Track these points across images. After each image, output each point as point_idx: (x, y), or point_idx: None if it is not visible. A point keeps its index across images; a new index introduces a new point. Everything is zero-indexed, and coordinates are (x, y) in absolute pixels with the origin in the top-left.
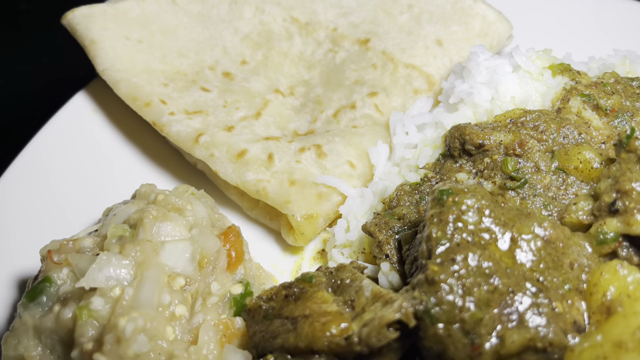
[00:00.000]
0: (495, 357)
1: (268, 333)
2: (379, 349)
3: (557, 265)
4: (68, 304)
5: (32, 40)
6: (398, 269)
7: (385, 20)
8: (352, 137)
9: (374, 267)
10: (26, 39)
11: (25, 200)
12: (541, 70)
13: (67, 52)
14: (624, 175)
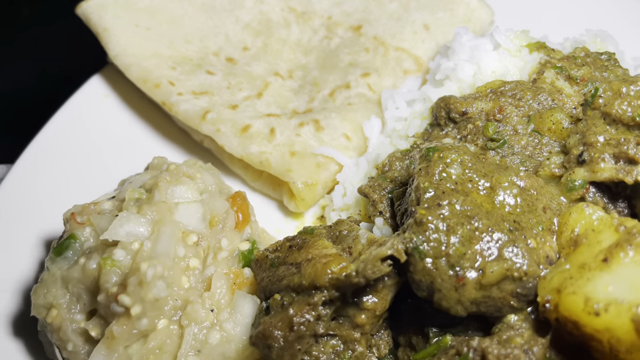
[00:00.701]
0: (477, 287)
1: (274, 277)
2: (374, 284)
3: (531, 209)
4: (92, 256)
5: (43, 38)
6: (391, 223)
7: (376, 9)
8: (347, 113)
9: (368, 225)
10: (37, 35)
11: (47, 173)
12: (519, 47)
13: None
14: (590, 129)
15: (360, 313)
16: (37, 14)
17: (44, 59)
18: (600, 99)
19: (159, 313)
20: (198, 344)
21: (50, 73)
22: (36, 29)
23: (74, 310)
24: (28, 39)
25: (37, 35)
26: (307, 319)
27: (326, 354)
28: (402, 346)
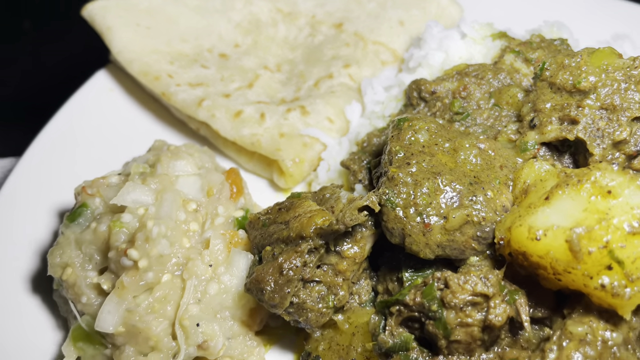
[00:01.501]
0: (442, 231)
1: (266, 234)
2: (353, 234)
3: (490, 167)
4: (102, 220)
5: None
6: (369, 189)
7: (355, 8)
8: (330, 99)
9: (349, 193)
10: (47, 38)
11: (57, 158)
12: (483, 37)
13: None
14: (539, 98)
15: (342, 261)
16: (39, 26)
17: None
18: (547, 72)
19: (163, 268)
20: (198, 294)
21: (55, 72)
22: (39, 38)
23: (87, 267)
24: (32, 43)
25: (40, 40)
26: (295, 264)
27: (312, 297)
28: (380, 293)
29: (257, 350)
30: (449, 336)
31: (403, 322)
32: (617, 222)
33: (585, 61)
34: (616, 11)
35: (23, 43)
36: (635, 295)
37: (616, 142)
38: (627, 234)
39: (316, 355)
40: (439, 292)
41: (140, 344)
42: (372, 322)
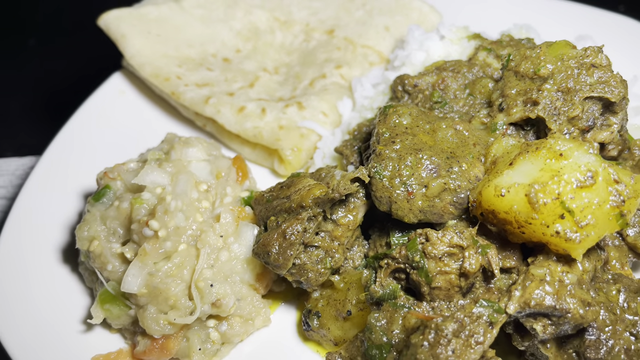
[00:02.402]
0: (423, 198)
1: (270, 208)
2: (347, 204)
3: (464, 144)
4: (124, 198)
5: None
6: None
7: (345, 16)
8: (324, 96)
9: (342, 171)
10: (53, 53)
11: (75, 154)
12: (460, 38)
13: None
14: (506, 85)
15: (337, 228)
16: (43, 43)
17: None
18: (512, 62)
19: (179, 238)
20: (211, 261)
21: (65, 80)
22: (45, 53)
23: (111, 240)
24: (39, 57)
25: (46, 55)
26: (296, 229)
27: (312, 260)
28: (371, 257)
29: (264, 311)
30: (430, 283)
31: (391, 273)
32: (567, 177)
33: (544, 52)
34: (580, 15)
35: (31, 56)
36: (584, 239)
37: (570, 118)
38: (575, 188)
39: (316, 311)
40: (420, 245)
41: (160, 303)
42: (364, 276)
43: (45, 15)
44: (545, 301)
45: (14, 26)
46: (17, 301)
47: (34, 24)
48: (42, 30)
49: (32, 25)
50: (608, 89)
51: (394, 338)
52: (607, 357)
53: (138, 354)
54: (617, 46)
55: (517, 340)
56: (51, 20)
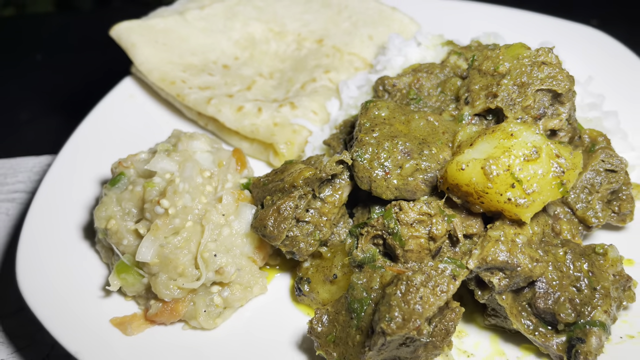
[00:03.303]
0: (398, 177)
1: (266, 189)
2: (333, 184)
3: (434, 132)
4: (137, 183)
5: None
6: None
7: (333, 27)
8: (314, 96)
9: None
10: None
11: (89, 151)
12: (434, 44)
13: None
14: (471, 82)
15: (325, 205)
16: (49, 57)
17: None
18: (476, 62)
19: (186, 216)
20: (215, 236)
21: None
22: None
23: (126, 219)
24: (46, 70)
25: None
26: (289, 205)
27: (302, 233)
28: (353, 227)
29: (261, 280)
30: (403, 246)
31: (370, 240)
32: (516, 152)
33: (502, 52)
34: (544, 25)
35: (39, 69)
36: (531, 204)
37: (524, 107)
38: (523, 161)
39: (307, 278)
40: (395, 214)
41: (170, 271)
42: (347, 244)
43: (50, 33)
44: (500, 257)
45: (20, 44)
46: (41, 273)
47: (39, 41)
48: (48, 47)
49: (37, 42)
50: (556, 82)
51: (372, 293)
52: (554, 306)
53: (151, 316)
54: (575, 51)
55: (478, 295)
56: (56, 38)
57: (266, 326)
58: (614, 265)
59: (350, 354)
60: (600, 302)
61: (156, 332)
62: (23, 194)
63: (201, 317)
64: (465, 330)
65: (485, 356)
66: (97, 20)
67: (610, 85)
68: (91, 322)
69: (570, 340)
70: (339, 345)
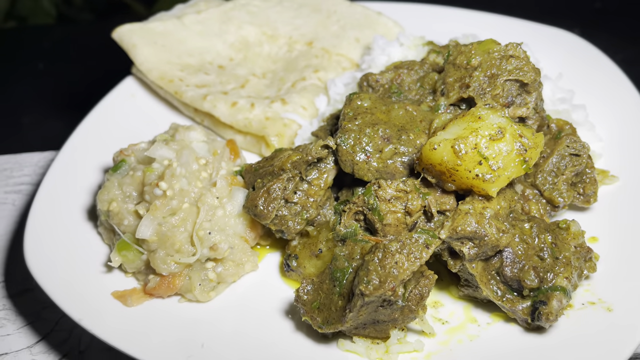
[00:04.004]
0: (378, 161)
1: (257, 174)
2: (319, 167)
3: (413, 121)
4: (137, 169)
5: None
6: None
7: (322, 30)
8: (304, 93)
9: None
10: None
11: (91, 147)
12: (416, 45)
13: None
14: (446, 75)
15: (312, 188)
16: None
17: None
18: (451, 57)
19: (183, 198)
20: (209, 217)
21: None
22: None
23: (127, 201)
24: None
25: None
26: (278, 186)
27: (291, 213)
28: (337, 205)
29: (252, 258)
30: (382, 220)
31: (352, 216)
32: (483, 132)
33: (474, 48)
34: (521, 28)
35: (42, 77)
36: (497, 179)
37: (494, 96)
38: (489, 140)
39: (295, 254)
40: (374, 192)
41: (168, 248)
42: (331, 220)
43: (52, 43)
44: (468, 227)
45: (22, 53)
46: (48, 252)
47: (40, 51)
48: (49, 56)
49: (38, 51)
50: (522, 73)
51: (353, 262)
52: (519, 274)
53: (149, 289)
54: (550, 52)
55: (450, 264)
56: (57, 48)
57: (257, 298)
58: (575, 238)
59: (333, 318)
60: (561, 270)
61: (154, 304)
62: (29, 186)
63: (196, 290)
64: (440, 301)
65: (459, 323)
66: (97, 31)
67: (582, 83)
68: (94, 295)
69: (534, 304)
70: (322, 311)
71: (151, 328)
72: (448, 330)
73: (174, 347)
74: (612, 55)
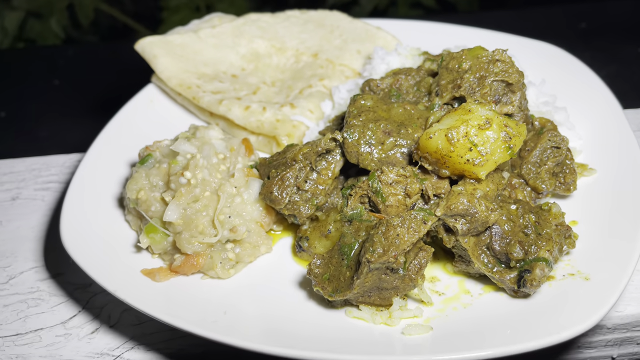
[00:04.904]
0: (380, 152)
1: (271, 166)
2: (327, 158)
3: (411, 118)
4: (163, 162)
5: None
6: None
7: (326, 44)
8: (310, 99)
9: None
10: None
11: (121, 135)
12: (413, 55)
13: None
14: (440, 78)
15: (320, 177)
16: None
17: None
18: (444, 62)
19: (205, 187)
20: (228, 203)
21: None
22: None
23: (154, 190)
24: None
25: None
26: (291, 175)
27: (302, 199)
28: (345, 189)
29: (267, 241)
30: (385, 202)
31: (358, 199)
32: (472, 123)
33: (465, 53)
34: (509, 42)
35: (59, 91)
36: (485, 163)
37: (483, 94)
38: (478, 130)
39: (306, 236)
40: (377, 177)
41: (192, 230)
42: (339, 204)
43: (65, 60)
44: (461, 206)
45: (37, 71)
46: (82, 235)
47: (54, 68)
48: (64, 73)
49: (53, 69)
50: (508, 75)
51: (359, 238)
52: (506, 247)
53: (175, 267)
54: (535, 62)
55: (445, 240)
56: (71, 65)
57: (272, 275)
58: (556, 218)
59: (342, 287)
60: (544, 244)
61: (179, 280)
62: (56, 184)
63: (218, 268)
64: (437, 277)
65: (454, 294)
66: (107, 50)
67: (563, 89)
68: (125, 272)
69: (520, 273)
70: (332, 281)
71: (177, 299)
72: (444, 300)
73: (199, 314)
74: (596, 70)
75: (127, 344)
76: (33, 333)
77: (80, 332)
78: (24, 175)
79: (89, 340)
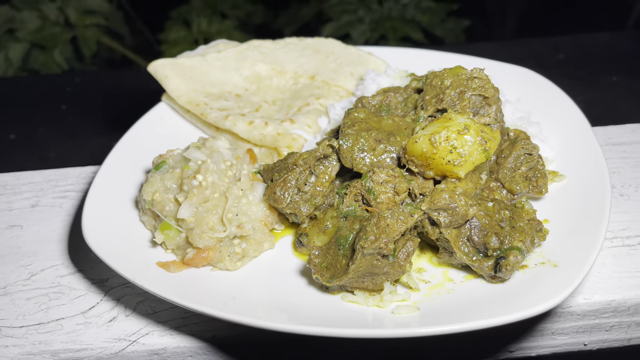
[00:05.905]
0: (371, 158)
1: (274, 170)
2: (324, 163)
3: (399, 128)
4: (176, 167)
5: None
6: None
7: (322, 67)
8: (308, 115)
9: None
10: (84, 114)
11: (132, 147)
12: (401, 75)
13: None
14: (425, 94)
15: (319, 180)
16: (73, 106)
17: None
18: (428, 79)
19: (214, 190)
20: (235, 204)
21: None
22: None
23: (168, 192)
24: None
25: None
26: (292, 178)
27: (302, 200)
28: (340, 189)
29: (270, 239)
30: (376, 199)
31: (353, 197)
32: (453, 128)
33: (446, 72)
34: (484, 64)
35: (68, 114)
36: (464, 164)
37: (462, 107)
38: (458, 134)
39: (305, 233)
40: (370, 177)
41: (202, 226)
42: (335, 202)
43: (72, 86)
44: (443, 201)
45: (44, 96)
46: (102, 232)
47: (61, 94)
48: (71, 99)
49: (60, 95)
50: (484, 89)
51: (354, 231)
52: (484, 239)
53: (187, 260)
54: (509, 83)
55: (430, 232)
56: (78, 91)
57: (275, 267)
58: (528, 214)
59: (338, 273)
60: (517, 235)
61: (191, 271)
62: (73, 193)
63: (226, 260)
64: (424, 268)
65: (438, 282)
66: (112, 77)
67: (537, 106)
68: (142, 263)
69: (496, 260)
70: (329, 269)
71: (190, 287)
72: (430, 287)
73: (210, 299)
74: (573, 97)
75: (142, 330)
76: (55, 322)
77: (99, 320)
78: (42, 185)
79: (107, 328)
